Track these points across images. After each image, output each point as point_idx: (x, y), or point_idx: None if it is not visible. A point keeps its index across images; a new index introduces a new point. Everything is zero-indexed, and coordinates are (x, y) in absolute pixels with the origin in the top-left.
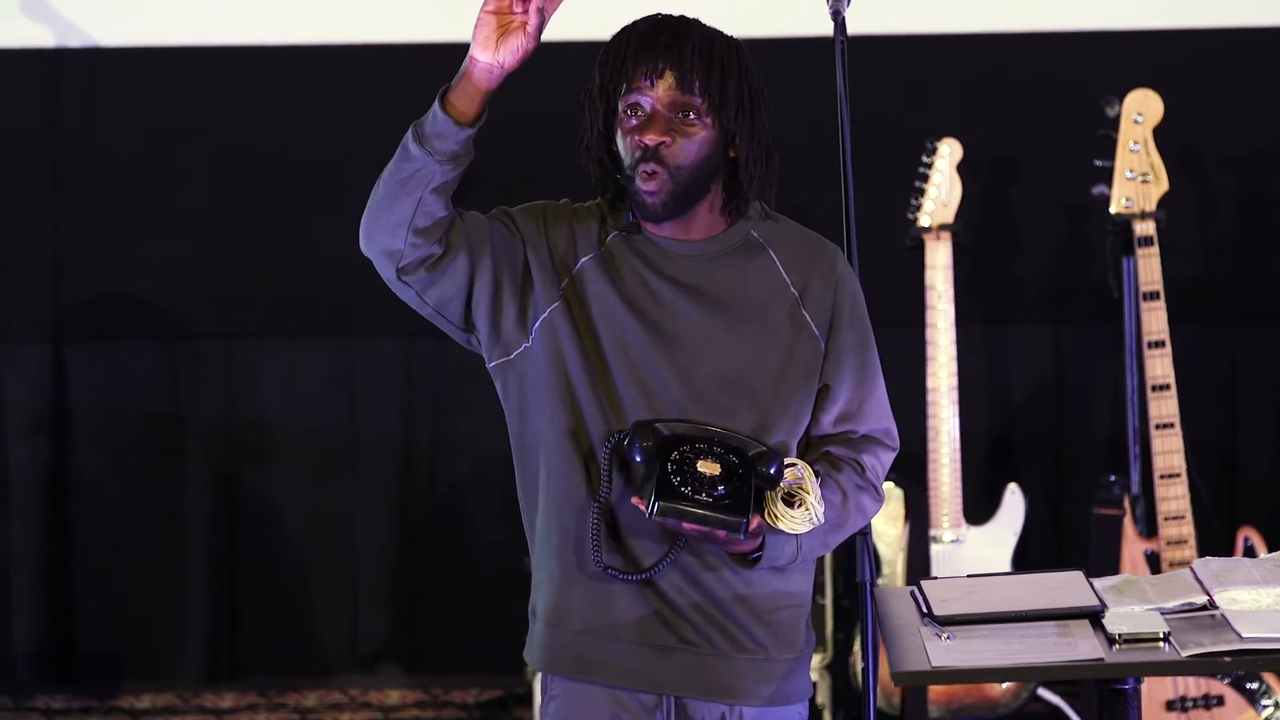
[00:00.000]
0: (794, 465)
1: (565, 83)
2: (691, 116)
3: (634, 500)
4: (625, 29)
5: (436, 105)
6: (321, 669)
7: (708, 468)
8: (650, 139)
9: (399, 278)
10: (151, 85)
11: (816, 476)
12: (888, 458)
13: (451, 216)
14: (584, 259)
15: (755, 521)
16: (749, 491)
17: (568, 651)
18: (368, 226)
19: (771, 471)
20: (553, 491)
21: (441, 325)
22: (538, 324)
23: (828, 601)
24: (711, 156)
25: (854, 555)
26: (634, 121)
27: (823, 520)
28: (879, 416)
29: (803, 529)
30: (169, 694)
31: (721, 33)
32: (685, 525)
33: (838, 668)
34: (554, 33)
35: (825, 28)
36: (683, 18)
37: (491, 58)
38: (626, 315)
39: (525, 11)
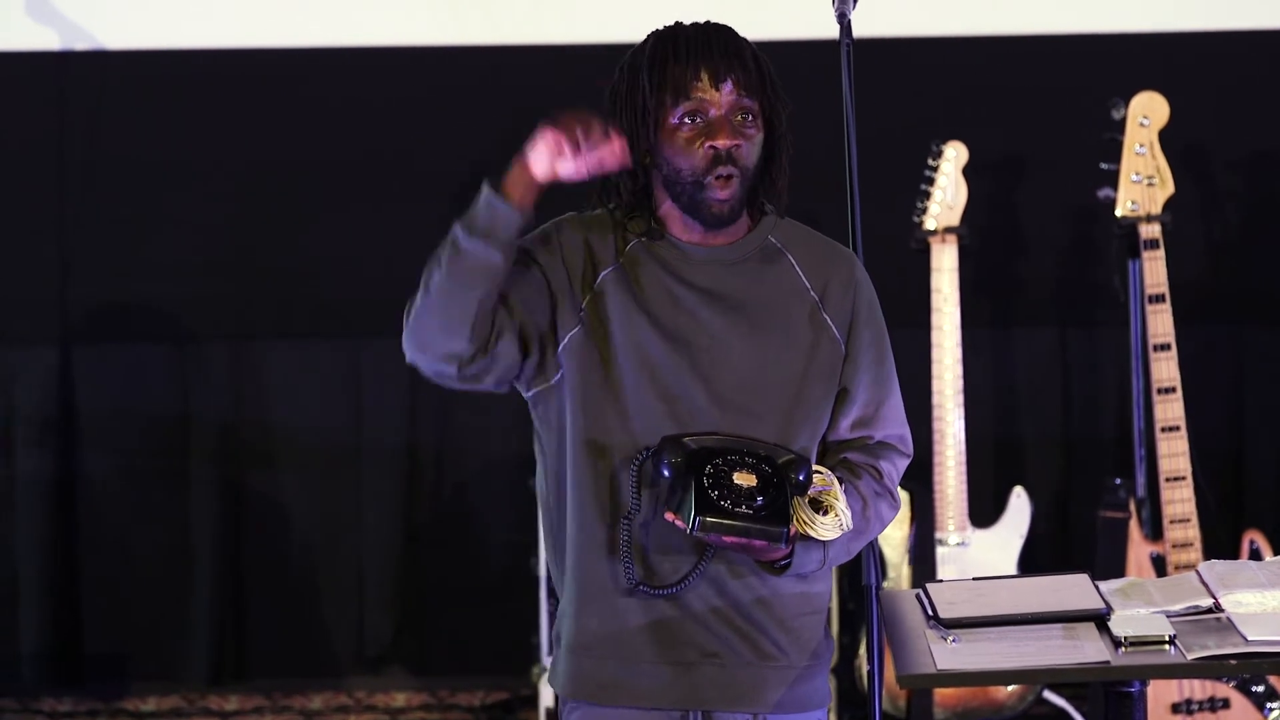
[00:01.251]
0: (819, 472)
1: (570, 84)
2: (750, 119)
3: (668, 516)
4: (666, 37)
5: (493, 198)
6: (327, 671)
7: (744, 479)
8: (722, 143)
9: (459, 372)
10: (158, 88)
11: (840, 483)
12: (903, 464)
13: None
14: (603, 273)
15: (792, 529)
16: (786, 500)
17: (591, 677)
18: (422, 338)
19: (801, 478)
20: (574, 510)
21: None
22: (561, 349)
23: (834, 604)
24: (763, 158)
25: (859, 558)
26: (691, 128)
27: (851, 526)
28: (895, 422)
29: (832, 535)
30: (175, 696)
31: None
32: (727, 538)
33: (844, 670)
34: (561, 36)
35: (831, 30)
36: (720, 24)
37: (545, 170)
38: (647, 326)
39: (578, 152)
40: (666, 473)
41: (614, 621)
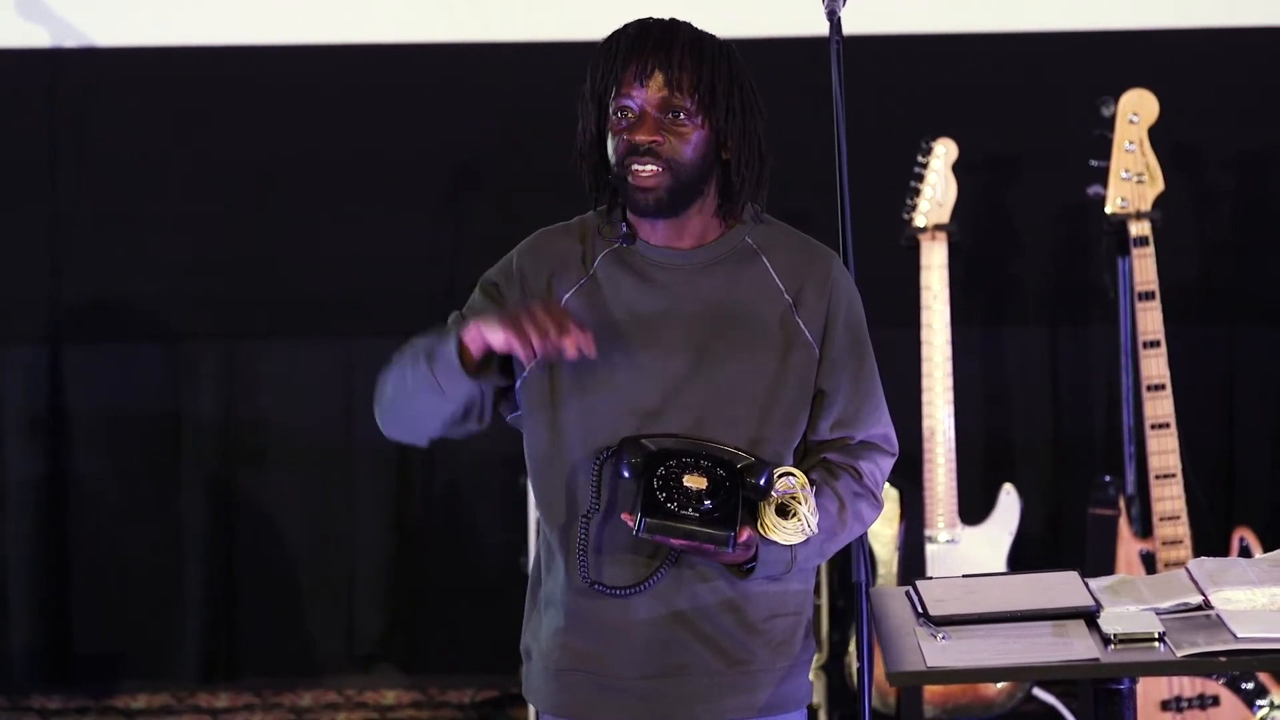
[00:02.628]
0: (789, 475)
1: (563, 82)
2: (682, 117)
3: (624, 516)
4: (615, 33)
5: (453, 359)
6: (317, 669)
7: (694, 482)
8: (640, 138)
9: (427, 443)
10: (149, 86)
11: (813, 485)
12: (886, 464)
13: None
14: (567, 294)
15: (745, 534)
16: (736, 504)
17: (563, 693)
18: (393, 423)
19: (761, 483)
20: (544, 522)
21: None
22: (520, 381)
23: (823, 601)
24: (705, 157)
25: (849, 555)
26: (624, 123)
27: (816, 530)
28: (877, 422)
29: (795, 540)
30: (165, 694)
31: (712, 35)
32: (674, 540)
33: (833, 668)
34: (553, 33)
35: (821, 28)
36: (673, 20)
37: (500, 346)
38: (614, 336)
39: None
40: (626, 473)
41: (585, 633)
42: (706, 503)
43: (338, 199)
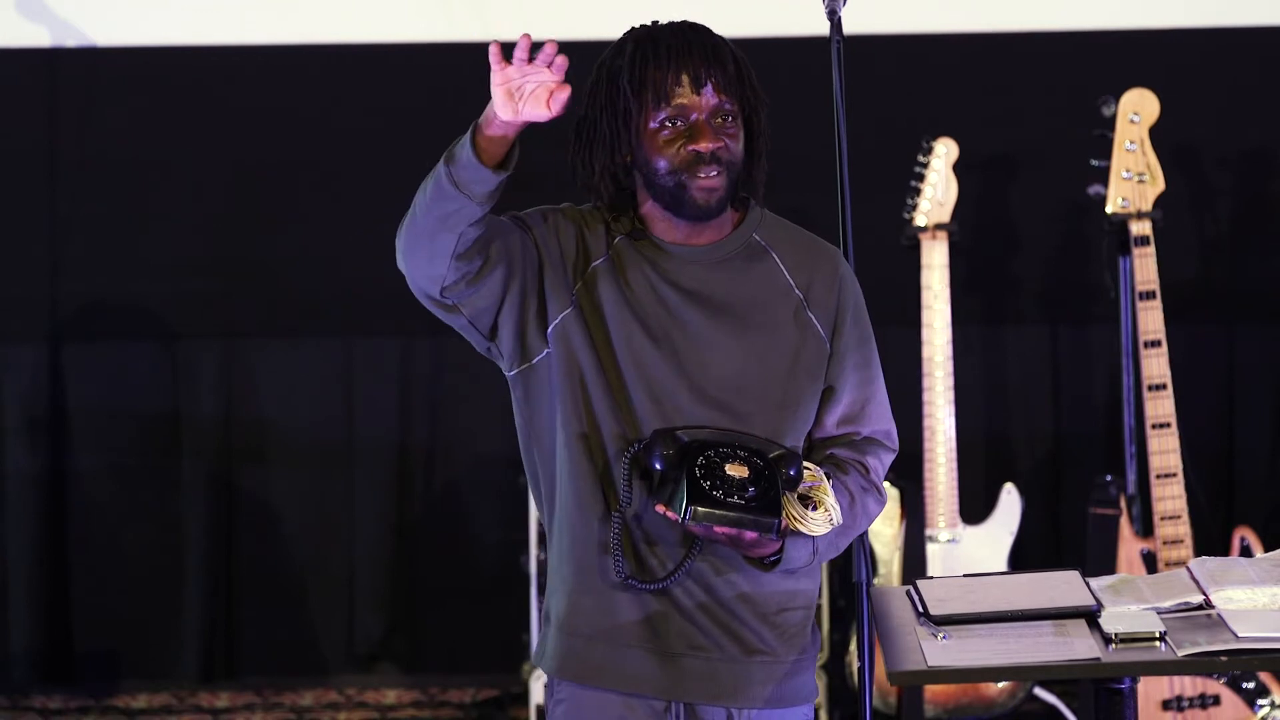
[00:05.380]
0: (808, 467)
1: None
2: (730, 121)
3: (658, 507)
4: (640, 42)
5: (470, 152)
6: (318, 668)
7: (736, 471)
8: (704, 146)
9: (441, 295)
10: (148, 85)
11: (829, 479)
12: (888, 459)
13: (488, 230)
14: (595, 262)
15: (783, 524)
16: (777, 493)
17: (579, 657)
18: (409, 252)
19: (792, 473)
20: (567, 498)
21: (468, 335)
22: (552, 330)
23: (824, 601)
24: (744, 155)
25: (850, 554)
26: (671, 131)
27: (840, 521)
28: (880, 418)
29: (822, 530)
30: (165, 693)
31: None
32: (718, 529)
33: (834, 667)
34: (552, 33)
35: (821, 28)
36: (691, 23)
37: (513, 116)
38: (634, 321)
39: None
40: (659, 465)
41: (605, 608)
42: (750, 490)
43: (337, 199)
